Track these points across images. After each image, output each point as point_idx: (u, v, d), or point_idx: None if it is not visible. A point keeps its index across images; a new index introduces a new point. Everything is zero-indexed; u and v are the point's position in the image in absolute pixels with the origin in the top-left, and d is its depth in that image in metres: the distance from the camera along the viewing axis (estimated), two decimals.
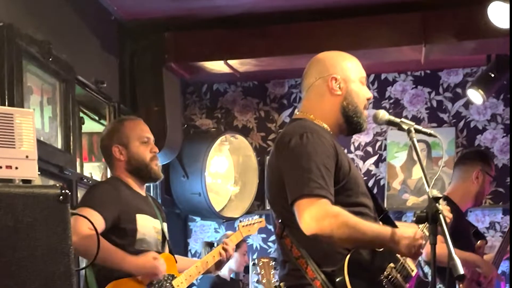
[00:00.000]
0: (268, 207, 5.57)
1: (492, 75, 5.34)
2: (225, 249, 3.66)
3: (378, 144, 6.14)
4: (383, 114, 2.76)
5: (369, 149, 6.12)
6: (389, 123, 2.77)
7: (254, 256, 6.00)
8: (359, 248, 2.56)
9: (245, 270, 5.99)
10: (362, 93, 2.79)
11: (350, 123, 2.76)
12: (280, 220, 2.67)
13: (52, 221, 1.97)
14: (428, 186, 2.50)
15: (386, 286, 2.60)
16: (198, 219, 6.23)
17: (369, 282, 2.59)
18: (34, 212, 1.95)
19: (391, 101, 6.05)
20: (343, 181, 2.63)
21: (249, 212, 5.82)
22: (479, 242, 4.25)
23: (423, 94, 6.10)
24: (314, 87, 2.76)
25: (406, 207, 5.91)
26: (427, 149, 5.99)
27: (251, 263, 5.60)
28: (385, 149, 6.10)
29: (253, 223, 4.04)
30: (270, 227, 6.11)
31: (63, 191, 1.99)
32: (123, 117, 3.73)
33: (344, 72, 2.76)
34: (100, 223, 3.20)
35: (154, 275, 3.30)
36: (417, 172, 5.99)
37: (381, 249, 2.62)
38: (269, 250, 6.14)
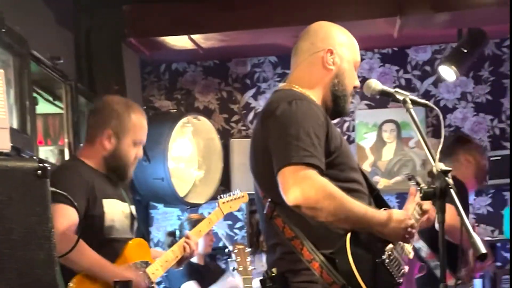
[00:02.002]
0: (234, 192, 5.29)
1: (465, 51, 5.18)
2: (187, 243, 3.33)
3: (346, 125, 5.92)
4: (376, 84, 2.57)
5: (336, 128, 5.88)
6: (383, 93, 2.57)
7: (220, 244, 5.72)
8: (343, 226, 2.34)
9: (211, 258, 5.72)
10: (353, 78, 2.61)
11: (336, 104, 2.57)
12: (270, 199, 2.43)
13: (30, 199, 1.70)
14: (434, 160, 2.28)
15: (388, 267, 2.39)
16: (160, 206, 5.93)
17: (372, 263, 2.37)
18: (8, 189, 1.67)
19: (359, 79, 5.79)
20: (335, 154, 2.42)
21: (214, 198, 5.54)
22: (460, 221, 4.12)
23: (391, 72, 5.91)
24: (308, 56, 2.57)
25: None
26: (397, 129, 5.81)
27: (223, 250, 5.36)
28: (353, 130, 5.88)
29: (235, 199, 3.75)
30: (236, 213, 5.90)
31: (41, 164, 1.68)
32: (131, 105, 3.29)
33: (342, 49, 2.57)
34: (75, 218, 2.93)
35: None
36: (387, 153, 5.80)
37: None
38: (235, 238, 5.87)
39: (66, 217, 2.89)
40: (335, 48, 2.54)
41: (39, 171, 1.68)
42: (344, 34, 2.61)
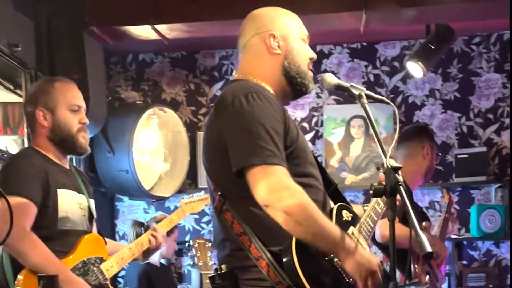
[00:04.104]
0: (201, 185, 5.29)
1: (433, 47, 5.14)
2: (154, 236, 3.30)
3: (314, 120, 5.88)
4: (331, 78, 2.52)
5: (305, 125, 5.85)
6: (338, 87, 2.52)
7: (187, 238, 5.68)
8: (306, 237, 2.25)
9: (177, 253, 5.67)
10: (304, 52, 2.54)
11: (294, 85, 2.51)
12: (219, 193, 2.37)
13: None
14: (385, 156, 2.26)
15: (336, 266, 2.33)
16: (125, 198, 5.87)
17: (319, 262, 2.30)
18: None
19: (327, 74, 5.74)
20: (291, 148, 2.37)
21: (180, 192, 5.49)
22: (425, 223, 4.13)
23: (360, 68, 5.88)
24: (251, 46, 2.52)
25: (345, 185, 5.66)
26: (365, 125, 5.78)
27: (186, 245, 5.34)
28: (321, 125, 5.84)
29: (198, 200, 3.71)
30: (204, 207, 5.89)
31: None
32: (54, 78, 3.32)
33: (283, 29, 2.51)
34: (33, 210, 2.90)
35: None
36: (355, 149, 5.77)
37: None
38: (202, 232, 5.84)
39: (25, 211, 2.85)
40: (276, 31, 2.49)
41: None
42: (282, 14, 2.57)
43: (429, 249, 2.06)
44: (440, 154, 5.13)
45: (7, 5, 4.29)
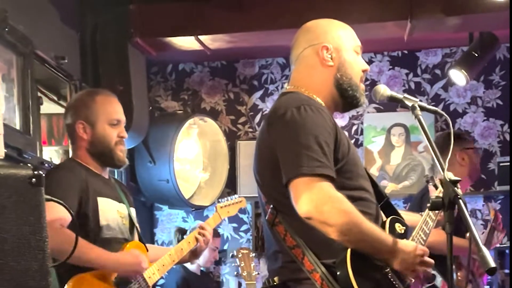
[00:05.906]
0: (240, 195, 5.30)
1: (476, 55, 5.09)
2: (201, 234, 3.31)
3: (354, 128, 5.85)
4: (384, 90, 2.50)
5: (345, 133, 5.80)
6: (391, 99, 2.51)
7: (225, 247, 5.69)
8: (350, 246, 2.25)
9: (216, 262, 5.68)
10: (357, 64, 2.52)
11: (345, 98, 2.49)
12: (272, 206, 2.36)
13: (23, 208, 1.62)
14: (443, 169, 2.23)
15: (391, 279, 2.32)
16: (165, 207, 5.89)
17: (374, 275, 2.29)
18: (1, 197, 1.58)
19: (367, 82, 5.71)
20: (343, 162, 2.35)
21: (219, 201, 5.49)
22: (469, 233, 4.06)
23: (401, 76, 5.83)
24: (304, 58, 2.50)
25: None
26: (406, 133, 5.73)
27: (229, 255, 5.33)
28: (361, 134, 5.81)
29: (233, 204, 3.71)
30: (242, 216, 5.89)
31: (35, 172, 1.63)
32: (95, 90, 3.35)
33: (336, 41, 2.49)
34: (67, 216, 2.87)
35: (136, 272, 3.03)
36: (395, 157, 5.73)
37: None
38: (240, 240, 5.82)
39: (56, 212, 2.84)
40: (329, 43, 2.47)
41: (34, 179, 1.62)
42: (336, 26, 2.55)
43: (492, 264, 2.04)
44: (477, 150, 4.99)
45: (54, 18, 4.34)
